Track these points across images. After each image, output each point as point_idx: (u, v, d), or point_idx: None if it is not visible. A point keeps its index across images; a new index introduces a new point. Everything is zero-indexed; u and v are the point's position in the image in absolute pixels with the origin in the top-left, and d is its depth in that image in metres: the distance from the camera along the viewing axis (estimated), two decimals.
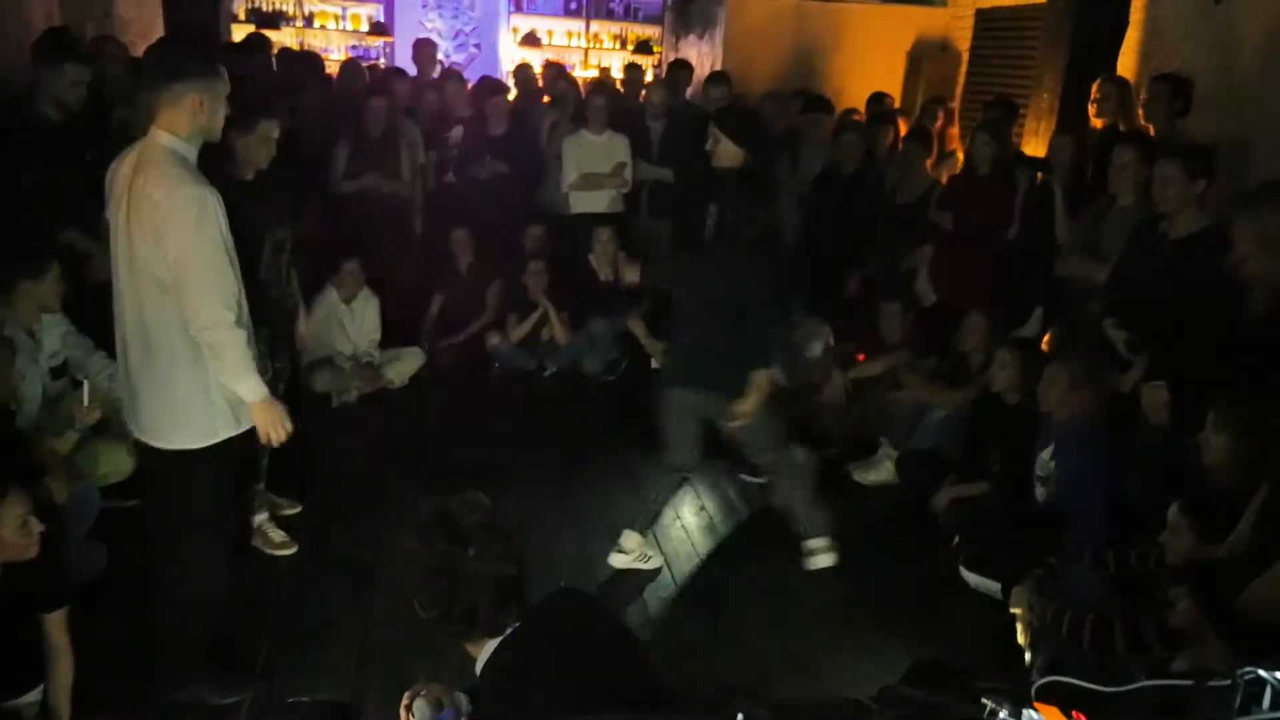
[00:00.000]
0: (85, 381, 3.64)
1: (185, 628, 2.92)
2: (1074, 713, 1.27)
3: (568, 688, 1.96)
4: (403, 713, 2.00)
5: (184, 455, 2.77)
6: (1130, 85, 5.04)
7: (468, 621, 1.98)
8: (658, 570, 3.97)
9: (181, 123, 2.65)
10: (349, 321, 5.60)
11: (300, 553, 3.84)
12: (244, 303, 2.80)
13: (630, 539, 3.95)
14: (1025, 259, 4.96)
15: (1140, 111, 4.65)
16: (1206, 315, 3.36)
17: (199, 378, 2.71)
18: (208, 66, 2.71)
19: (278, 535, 3.85)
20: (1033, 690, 1.26)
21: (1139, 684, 1.29)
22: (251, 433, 2.87)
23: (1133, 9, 5.33)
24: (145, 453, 2.92)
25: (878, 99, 6.73)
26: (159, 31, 7.04)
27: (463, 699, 2.05)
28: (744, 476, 4.69)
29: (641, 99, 6.85)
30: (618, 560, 3.95)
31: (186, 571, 2.87)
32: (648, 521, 4.00)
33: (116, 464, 3.77)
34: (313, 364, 5.41)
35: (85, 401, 3.54)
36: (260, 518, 3.85)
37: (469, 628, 2.01)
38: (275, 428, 2.81)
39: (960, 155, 6.16)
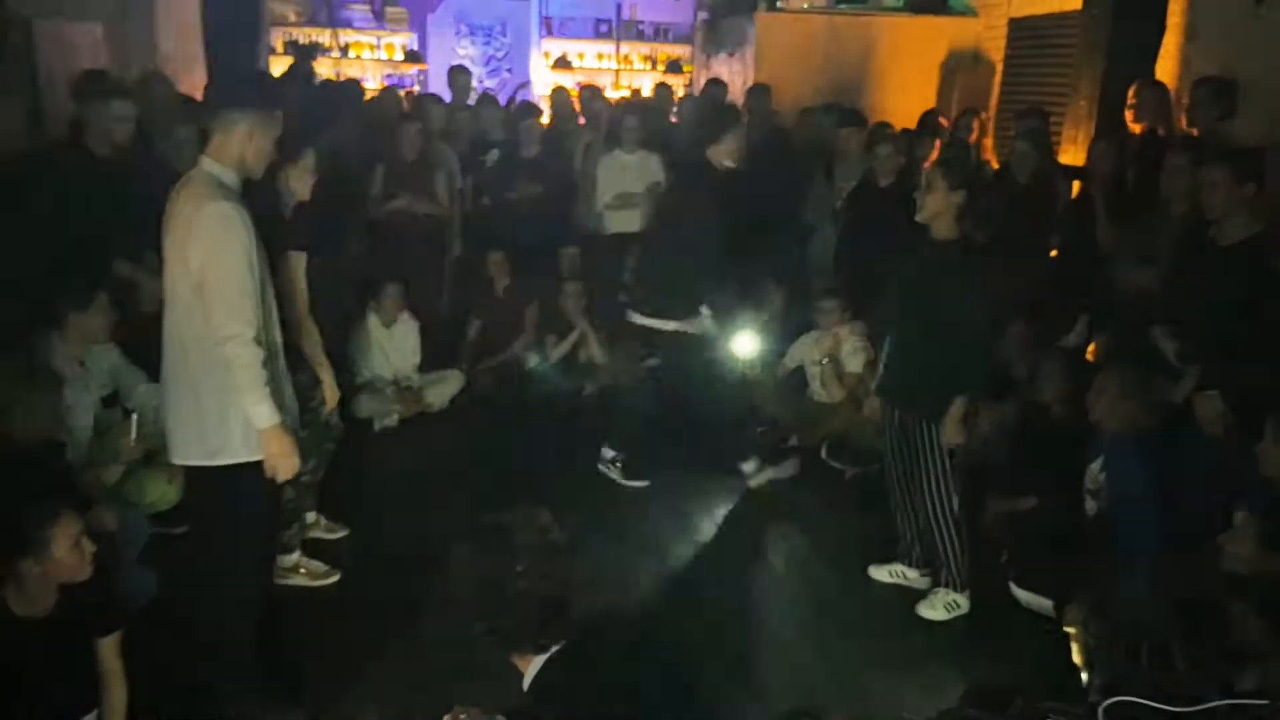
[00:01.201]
0: (134, 415, 3.68)
1: (223, 644, 2.94)
2: None
3: (614, 709, 1.95)
4: None
5: (210, 472, 2.78)
6: (1167, 89, 4.96)
7: (511, 637, 1.98)
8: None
9: (229, 151, 2.74)
10: (389, 346, 5.64)
11: (345, 577, 3.85)
12: (272, 328, 2.83)
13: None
14: (1068, 268, 4.89)
15: (1183, 116, 4.57)
16: (1260, 322, 3.29)
17: (219, 396, 2.71)
18: (264, 102, 2.81)
19: (319, 566, 3.85)
20: (1100, 711, 1.22)
21: (1211, 704, 1.25)
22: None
23: (1171, 13, 5.26)
24: (185, 471, 2.95)
25: (929, 115, 6.70)
26: (200, 66, 7.20)
27: None
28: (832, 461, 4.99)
29: (673, 118, 6.88)
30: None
31: (219, 589, 2.90)
32: None
33: (163, 493, 3.81)
34: (354, 388, 5.46)
35: (133, 435, 3.58)
36: (294, 557, 3.81)
37: (513, 643, 2.01)
38: (282, 461, 2.75)
39: (995, 166, 6.10)
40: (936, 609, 3.73)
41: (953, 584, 3.74)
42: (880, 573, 4.01)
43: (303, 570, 3.81)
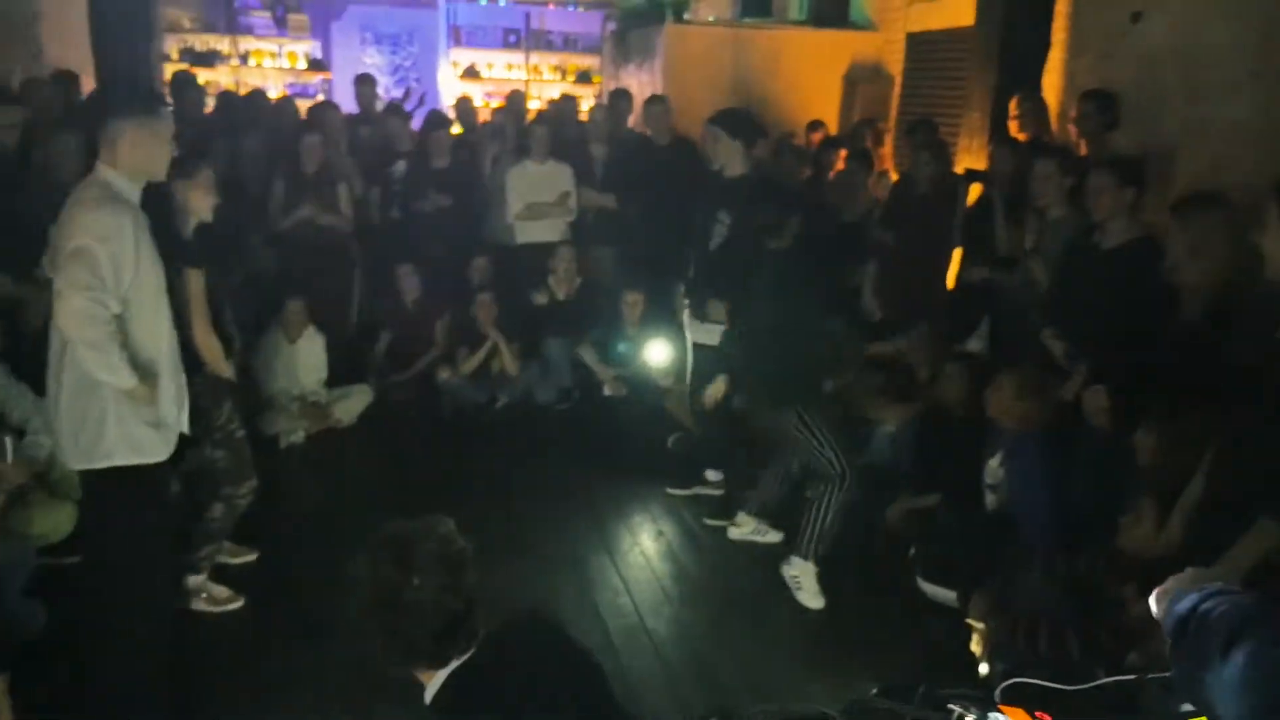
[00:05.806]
0: (8, 439, 3.50)
1: (124, 677, 2.82)
2: (1038, 714, 1.29)
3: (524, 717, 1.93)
4: None
5: (96, 481, 2.76)
6: (1044, 100, 5.21)
7: (409, 651, 1.95)
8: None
9: (118, 159, 2.75)
10: (295, 361, 5.51)
11: (251, 600, 3.73)
12: (164, 336, 2.84)
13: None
14: (969, 272, 5.06)
15: (1072, 128, 4.79)
16: (1142, 322, 3.46)
17: (92, 394, 2.71)
18: (143, 105, 2.82)
19: (221, 591, 3.72)
20: (997, 693, 1.27)
21: (1098, 681, 1.31)
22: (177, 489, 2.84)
23: (1055, 29, 5.51)
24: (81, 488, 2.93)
25: (816, 126, 6.89)
26: (89, 72, 6.92)
27: None
28: (707, 520, 4.62)
29: (584, 120, 6.90)
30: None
31: (116, 612, 2.82)
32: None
33: (54, 523, 3.62)
34: (259, 405, 5.31)
35: (8, 457, 3.41)
36: (199, 578, 3.69)
37: (411, 657, 1.97)
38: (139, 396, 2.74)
39: (893, 174, 6.29)
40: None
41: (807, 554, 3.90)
42: (734, 531, 4.39)
43: (204, 595, 3.68)
